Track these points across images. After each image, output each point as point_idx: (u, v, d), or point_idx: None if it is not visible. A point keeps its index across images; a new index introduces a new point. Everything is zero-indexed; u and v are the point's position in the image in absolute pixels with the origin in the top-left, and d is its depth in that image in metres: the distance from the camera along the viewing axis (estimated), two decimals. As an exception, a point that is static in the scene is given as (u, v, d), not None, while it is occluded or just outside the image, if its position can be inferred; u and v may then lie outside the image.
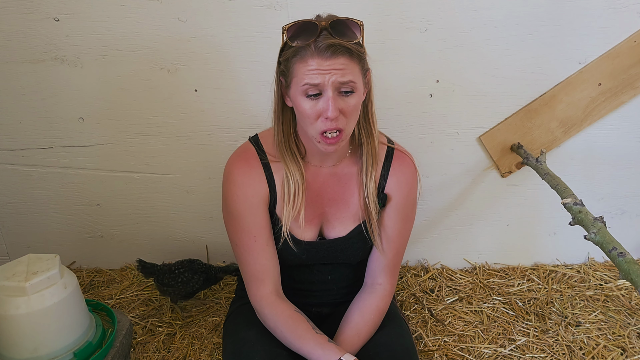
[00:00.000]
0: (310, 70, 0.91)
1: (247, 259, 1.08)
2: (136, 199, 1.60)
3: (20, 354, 1.01)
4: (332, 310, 1.21)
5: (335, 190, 1.11)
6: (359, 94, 0.96)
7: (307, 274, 1.16)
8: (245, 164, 1.07)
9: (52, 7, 1.34)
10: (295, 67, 0.93)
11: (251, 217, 1.07)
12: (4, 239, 1.69)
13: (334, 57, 0.90)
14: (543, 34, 1.39)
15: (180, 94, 1.44)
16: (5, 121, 1.49)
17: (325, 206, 1.11)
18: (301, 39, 0.92)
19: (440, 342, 1.35)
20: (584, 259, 1.71)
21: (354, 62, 0.93)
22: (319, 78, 0.91)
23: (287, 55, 0.95)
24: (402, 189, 1.11)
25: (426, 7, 1.35)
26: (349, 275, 1.19)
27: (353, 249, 1.12)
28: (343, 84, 0.92)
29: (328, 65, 0.90)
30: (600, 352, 1.31)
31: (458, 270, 1.68)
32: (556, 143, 1.53)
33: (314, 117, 0.94)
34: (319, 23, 0.92)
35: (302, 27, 0.93)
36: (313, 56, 0.91)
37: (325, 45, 0.90)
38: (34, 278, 1.00)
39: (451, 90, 1.45)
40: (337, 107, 0.92)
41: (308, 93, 0.93)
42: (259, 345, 1.03)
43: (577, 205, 1.14)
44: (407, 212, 1.13)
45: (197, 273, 1.42)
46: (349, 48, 0.91)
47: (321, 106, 0.93)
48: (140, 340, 1.38)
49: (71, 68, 1.41)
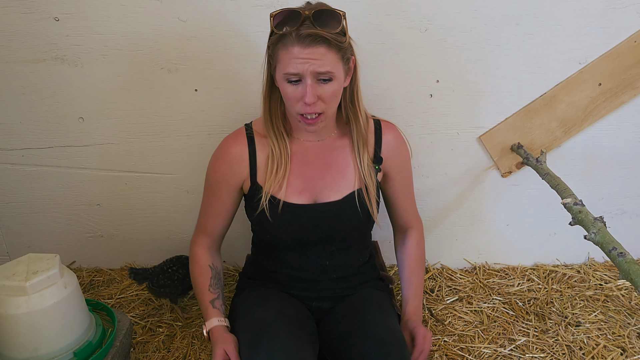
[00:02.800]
0: (291, 59, 0.99)
1: (202, 211, 1.27)
2: (136, 199, 1.60)
3: (20, 353, 1.01)
4: (332, 304, 1.22)
5: (328, 162, 1.19)
6: (339, 81, 1.04)
7: (304, 259, 1.19)
8: (231, 140, 1.21)
9: (52, 7, 1.34)
10: (279, 54, 1.01)
11: (217, 187, 1.21)
12: (4, 239, 1.69)
13: (312, 46, 0.98)
14: (543, 34, 1.39)
15: (180, 94, 1.44)
16: (5, 121, 1.49)
17: (318, 178, 1.18)
18: (285, 26, 0.99)
19: (440, 342, 1.35)
20: (584, 259, 1.71)
21: (332, 52, 1.00)
22: (298, 67, 0.99)
23: (272, 41, 1.03)
24: (397, 153, 1.24)
25: (426, 7, 1.35)
26: (347, 263, 1.22)
27: (346, 215, 1.17)
28: (321, 73, 1.00)
29: (307, 53, 0.98)
30: (600, 352, 1.31)
31: (458, 270, 1.68)
32: (556, 143, 1.53)
33: (294, 100, 1.04)
34: (303, 12, 0.98)
35: (287, 15, 1.00)
36: (294, 44, 0.98)
37: (305, 34, 0.97)
38: (34, 278, 1.00)
39: (451, 90, 1.45)
40: (314, 93, 1.01)
41: (289, 79, 1.02)
42: (279, 325, 1.06)
43: (577, 205, 1.14)
44: (406, 171, 1.29)
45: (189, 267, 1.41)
46: (327, 38, 0.98)
47: (300, 92, 1.02)
48: (140, 339, 1.38)
49: (71, 68, 1.41)
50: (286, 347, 1.00)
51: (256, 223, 1.20)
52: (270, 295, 1.18)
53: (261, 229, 1.19)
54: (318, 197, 1.17)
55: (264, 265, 1.25)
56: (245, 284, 1.28)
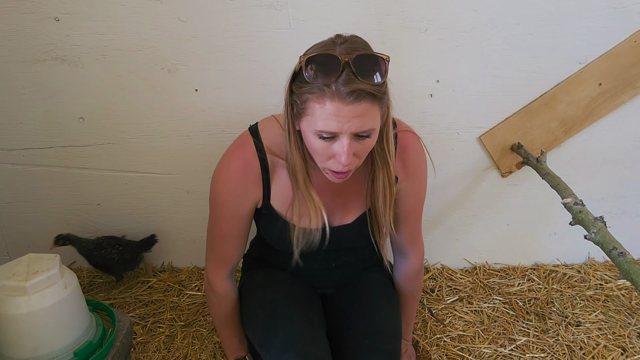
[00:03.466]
0: (327, 115, 0.82)
1: (217, 239, 1.12)
2: (136, 199, 1.60)
3: (20, 353, 1.01)
4: (336, 290, 1.25)
5: (341, 186, 1.07)
6: (375, 134, 0.90)
7: (311, 261, 1.14)
8: (242, 163, 1.02)
9: (52, 7, 1.34)
10: (310, 105, 0.84)
11: (233, 212, 1.06)
12: (4, 239, 1.69)
13: (355, 102, 0.81)
14: (543, 34, 1.39)
15: (180, 94, 1.44)
16: (6, 121, 1.49)
17: (330, 201, 1.08)
18: (320, 74, 0.82)
19: (440, 342, 1.35)
20: (584, 259, 1.71)
21: (375, 106, 0.85)
22: (336, 126, 0.83)
23: (303, 90, 0.85)
24: (408, 169, 1.09)
25: (426, 7, 1.35)
26: (353, 261, 1.22)
27: (356, 236, 1.12)
28: (362, 131, 0.85)
29: (348, 111, 0.81)
30: (600, 352, 1.31)
31: (458, 270, 1.68)
32: (556, 143, 1.53)
33: (325, 157, 0.89)
34: (341, 57, 0.81)
35: (321, 61, 0.82)
36: (333, 99, 0.81)
37: (347, 91, 0.80)
38: (35, 278, 1.00)
39: (451, 90, 1.45)
40: (351, 152, 0.86)
41: (322, 136, 0.86)
42: (292, 306, 1.08)
43: (578, 205, 1.14)
44: (416, 187, 1.12)
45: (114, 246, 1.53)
46: (372, 93, 0.82)
47: (334, 150, 0.87)
48: (141, 340, 1.38)
49: (72, 68, 1.41)
50: (302, 329, 1.02)
51: (265, 232, 1.15)
52: (278, 275, 1.20)
53: (268, 236, 1.15)
54: (330, 220, 1.08)
55: (268, 259, 1.25)
56: (250, 264, 1.30)
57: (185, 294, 1.58)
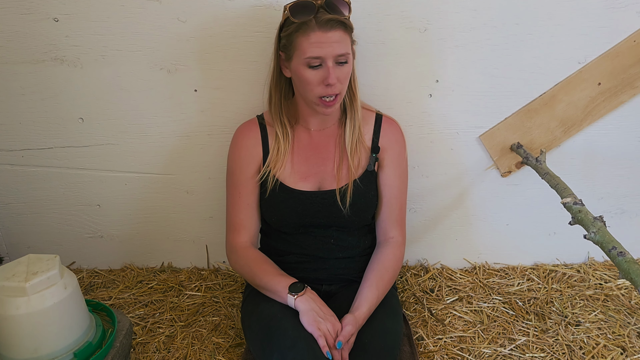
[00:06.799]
0: (312, 43, 1.06)
1: (230, 210, 1.29)
2: (136, 199, 1.60)
3: (20, 354, 1.01)
4: (341, 289, 1.29)
5: (330, 150, 1.26)
6: (350, 62, 1.13)
7: (310, 239, 1.27)
8: (246, 128, 1.28)
9: (51, 8, 1.34)
10: (298, 41, 1.08)
11: (240, 176, 1.26)
12: (4, 239, 1.69)
13: (332, 30, 1.06)
14: (543, 34, 1.39)
15: (180, 94, 1.44)
16: (5, 121, 1.49)
17: (321, 165, 1.25)
18: (302, 15, 1.07)
19: (440, 342, 1.35)
20: (583, 259, 1.71)
21: (347, 35, 1.10)
22: (321, 51, 1.06)
23: (290, 30, 1.09)
24: (394, 146, 1.29)
25: (426, 7, 1.35)
26: (352, 243, 1.28)
27: (344, 203, 1.22)
28: (340, 55, 1.08)
29: (328, 37, 1.06)
30: (600, 351, 1.31)
31: (458, 270, 1.68)
32: (556, 143, 1.53)
33: (315, 84, 1.10)
34: (315, 2, 1.07)
35: (301, 5, 1.08)
36: (314, 30, 1.06)
37: (324, 20, 1.06)
38: (34, 278, 1.00)
39: (451, 90, 1.45)
40: (335, 75, 1.08)
41: (311, 64, 1.08)
42: (287, 320, 1.10)
43: (577, 205, 1.14)
44: (402, 168, 1.31)
45: None
46: (343, 22, 1.08)
47: (322, 75, 1.09)
48: (141, 340, 1.38)
49: (71, 68, 1.41)
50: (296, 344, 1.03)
51: (264, 206, 1.27)
52: None
53: (268, 211, 1.26)
54: (321, 184, 1.25)
55: (274, 247, 1.31)
56: None
57: (185, 294, 1.58)
